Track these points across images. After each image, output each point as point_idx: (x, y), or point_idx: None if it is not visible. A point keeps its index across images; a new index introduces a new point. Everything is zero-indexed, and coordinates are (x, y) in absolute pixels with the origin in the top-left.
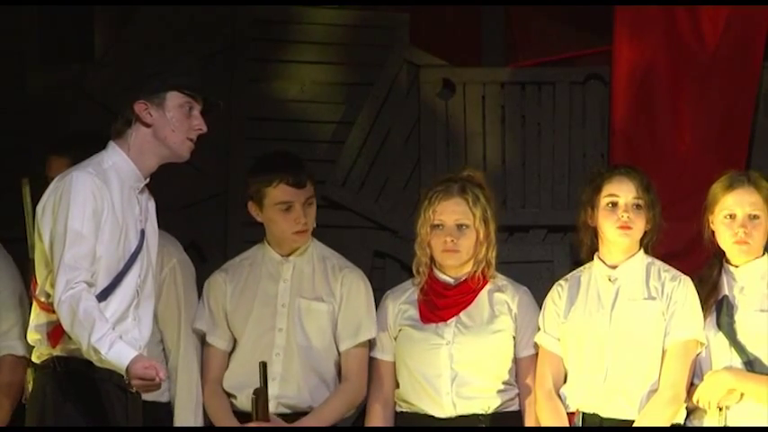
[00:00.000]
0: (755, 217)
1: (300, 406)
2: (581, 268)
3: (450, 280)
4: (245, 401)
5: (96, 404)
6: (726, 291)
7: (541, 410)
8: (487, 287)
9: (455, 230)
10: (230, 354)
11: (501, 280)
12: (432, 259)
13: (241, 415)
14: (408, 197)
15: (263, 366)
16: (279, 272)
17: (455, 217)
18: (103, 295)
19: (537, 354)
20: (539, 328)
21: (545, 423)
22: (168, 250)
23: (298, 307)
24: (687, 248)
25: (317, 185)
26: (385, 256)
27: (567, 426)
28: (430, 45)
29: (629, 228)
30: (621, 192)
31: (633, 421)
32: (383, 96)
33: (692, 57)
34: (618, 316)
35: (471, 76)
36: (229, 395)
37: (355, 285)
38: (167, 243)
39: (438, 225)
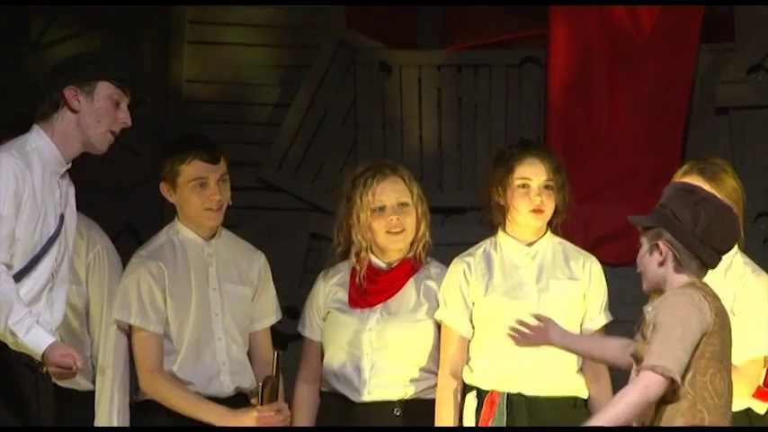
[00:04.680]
0: None
1: (251, 386)
2: (481, 244)
3: (383, 265)
4: (205, 385)
5: (7, 385)
6: None
7: (441, 389)
8: (418, 274)
9: (398, 209)
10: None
11: (434, 267)
12: (369, 244)
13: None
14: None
15: (278, 356)
16: (205, 256)
17: (395, 195)
18: (18, 277)
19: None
20: (441, 306)
21: (441, 402)
22: (92, 236)
23: (226, 292)
24: (621, 231)
25: (254, 167)
26: (321, 238)
27: (459, 408)
28: (366, 28)
29: (541, 211)
30: (533, 174)
31: (558, 398)
32: (319, 79)
33: (628, 39)
34: (545, 295)
35: (408, 58)
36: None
37: (266, 268)
38: (92, 229)
39: (379, 207)
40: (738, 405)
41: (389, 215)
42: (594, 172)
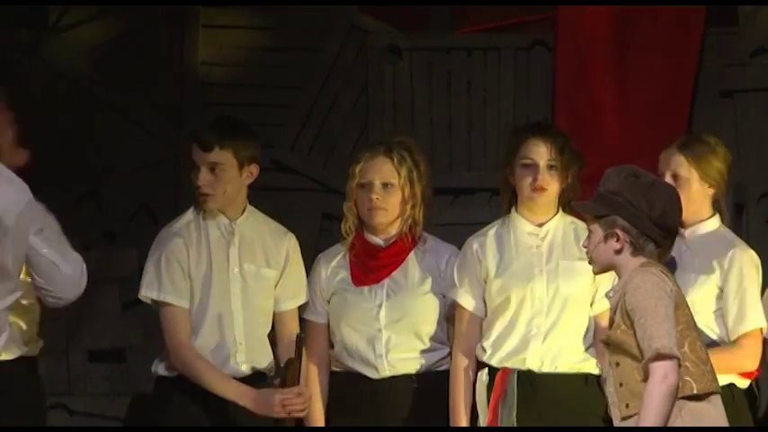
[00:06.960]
0: (675, 177)
1: (267, 366)
2: (494, 224)
3: (381, 242)
4: (222, 365)
5: None
6: (674, 253)
7: (455, 368)
8: (417, 248)
9: (380, 189)
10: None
11: (430, 240)
12: (360, 221)
13: None
14: None
15: (300, 339)
16: (227, 236)
17: (380, 175)
18: None
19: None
20: (454, 285)
21: (454, 381)
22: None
23: (247, 272)
24: None
25: (267, 149)
26: (333, 219)
27: (471, 388)
28: (377, 11)
29: (542, 189)
30: (535, 154)
31: (569, 375)
32: (331, 61)
33: (636, 23)
34: (556, 275)
35: (418, 41)
36: None
37: (295, 249)
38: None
39: (364, 184)
40: (720, 380)
41: (371, 193)
42: (601, 155)
